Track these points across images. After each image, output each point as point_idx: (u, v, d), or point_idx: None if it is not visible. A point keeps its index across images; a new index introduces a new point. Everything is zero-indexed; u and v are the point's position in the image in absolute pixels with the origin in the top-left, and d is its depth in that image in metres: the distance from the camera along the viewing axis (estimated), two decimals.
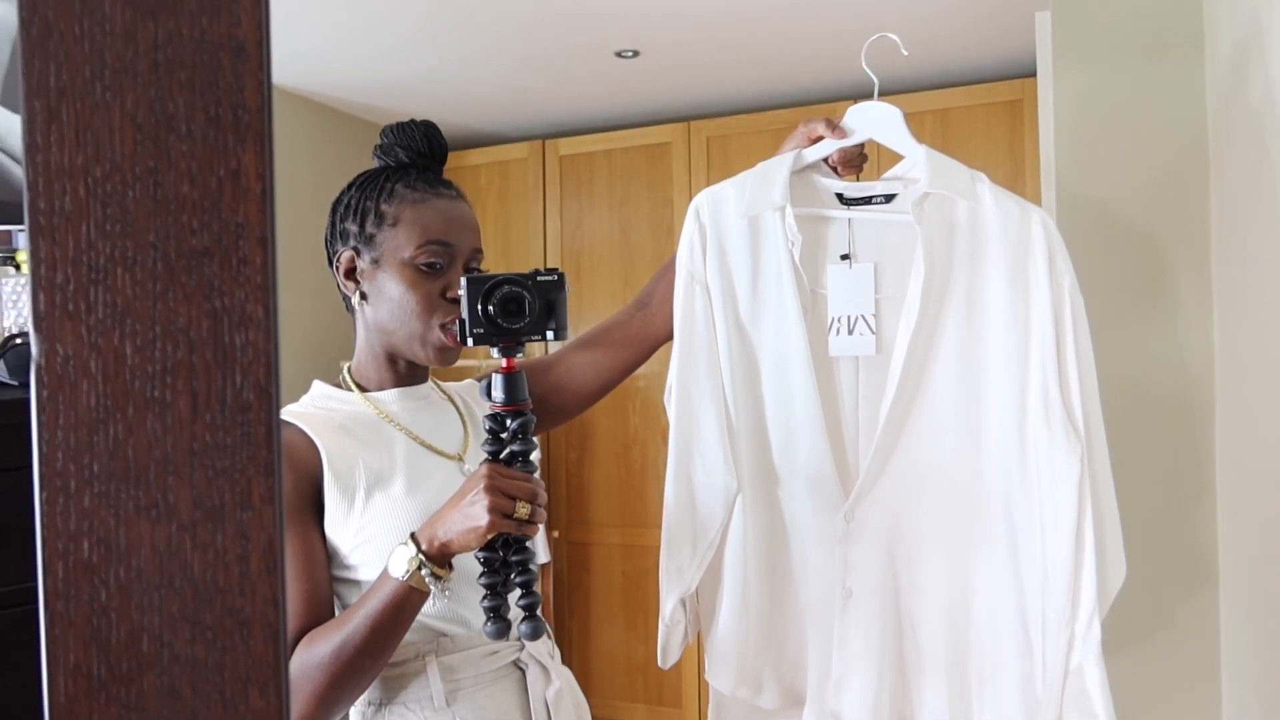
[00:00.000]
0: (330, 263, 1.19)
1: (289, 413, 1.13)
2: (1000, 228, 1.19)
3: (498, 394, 1.05)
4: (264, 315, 0.34)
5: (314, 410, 1.15)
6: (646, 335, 1.33)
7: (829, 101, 3.13)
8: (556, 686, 1.15)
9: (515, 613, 1.08)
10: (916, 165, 1.24)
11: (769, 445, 1.26)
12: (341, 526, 1.08)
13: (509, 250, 3.50)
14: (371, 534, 1.08)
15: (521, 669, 1.15)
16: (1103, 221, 1.64)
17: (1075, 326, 1.17)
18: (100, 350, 0.33)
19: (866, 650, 1.22)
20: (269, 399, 0.34)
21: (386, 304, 1.14)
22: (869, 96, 1.32)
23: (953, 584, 1.21)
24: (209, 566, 0.34)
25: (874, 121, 1.26)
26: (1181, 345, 1.59)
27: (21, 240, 1.86)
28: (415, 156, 1.18)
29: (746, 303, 1.26)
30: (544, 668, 1.16)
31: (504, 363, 1.06)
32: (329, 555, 1.08)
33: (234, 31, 0.34)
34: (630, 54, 2.79)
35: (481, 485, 0.99)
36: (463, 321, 1.05)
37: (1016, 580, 1.19)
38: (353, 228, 1.15)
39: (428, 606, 1.02)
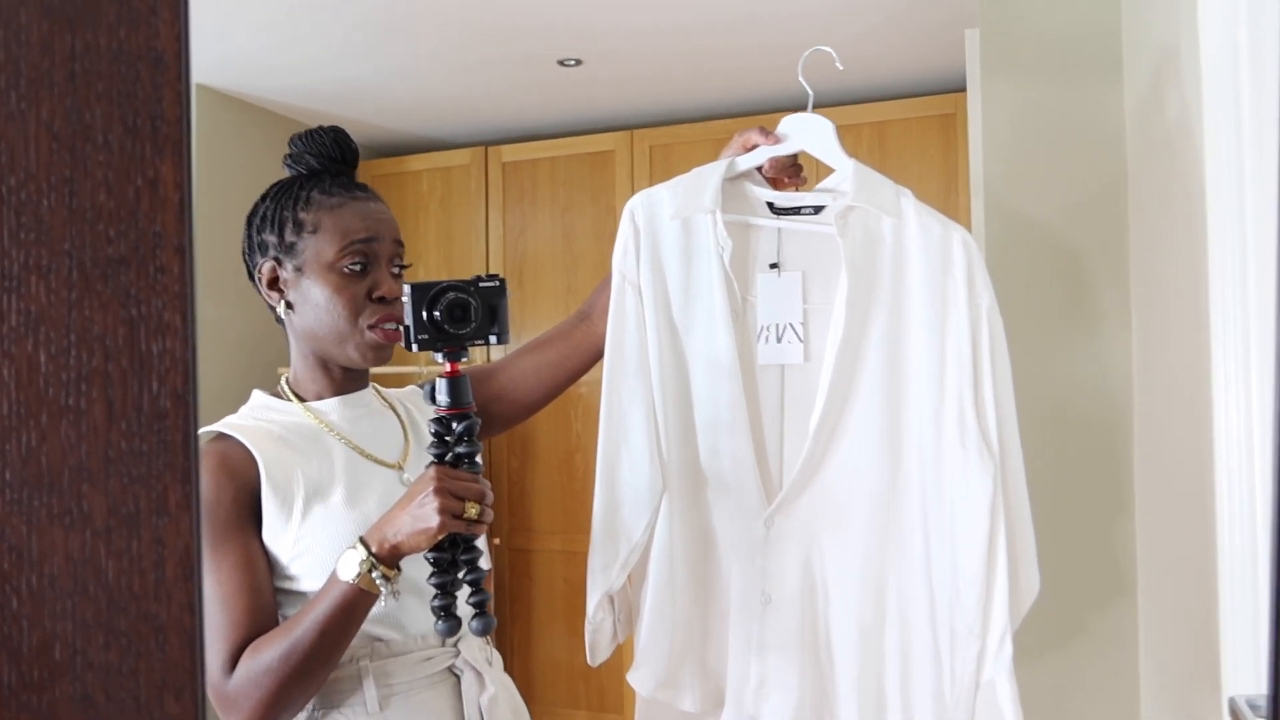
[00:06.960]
0: (250, 276, 1.18)
1: (227, 424, 1.12)
2: (921, 245, 1.19)
3: (442, 398, 1.06)
4: (181, 323, 0.34)
5: (252, 422, 1.14)
6: (589, 346, 1.34)
7: (770, 112, 3.17)
8: (491, 692, 1.15)
9: (464, 611, 1.09)
10: (846, 178, 1.24)
11: (696, 448, 1.26)
12: (280, 537, 1.07)
13: (451, 257, 3.48)
14: (310, 544, 1.07)
15: (456, 675, 1.15)
16: (1029, 236, 1.69)
17: (993, 348, 1.17)
18: (13, 358, 0.33)
19: (785, 658, 1.22)
20: (186, 406, 0.35)
21: (313, 310, 1.13)
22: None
23: (866, 596, 1.22)
24: (124, 573, 0.34)
25: (806, 132, 1.27)
26: (1103, 358, 1.64)
27: None
28: (327, 162, 1.18)
29: (679, 305, 1.26)
30: (479, 674, 1.16)
31: (448, 367, 1.07)
32: (270, 566, 1.08)
33: (153, 43, 0.34)
34: (573, 62, 2.80)
35: (430, 488, 1.00)
36: (407, 328, 1.05)
37: (929, 593, 1.20)
38: (271, 238, 1.14)
39: None
